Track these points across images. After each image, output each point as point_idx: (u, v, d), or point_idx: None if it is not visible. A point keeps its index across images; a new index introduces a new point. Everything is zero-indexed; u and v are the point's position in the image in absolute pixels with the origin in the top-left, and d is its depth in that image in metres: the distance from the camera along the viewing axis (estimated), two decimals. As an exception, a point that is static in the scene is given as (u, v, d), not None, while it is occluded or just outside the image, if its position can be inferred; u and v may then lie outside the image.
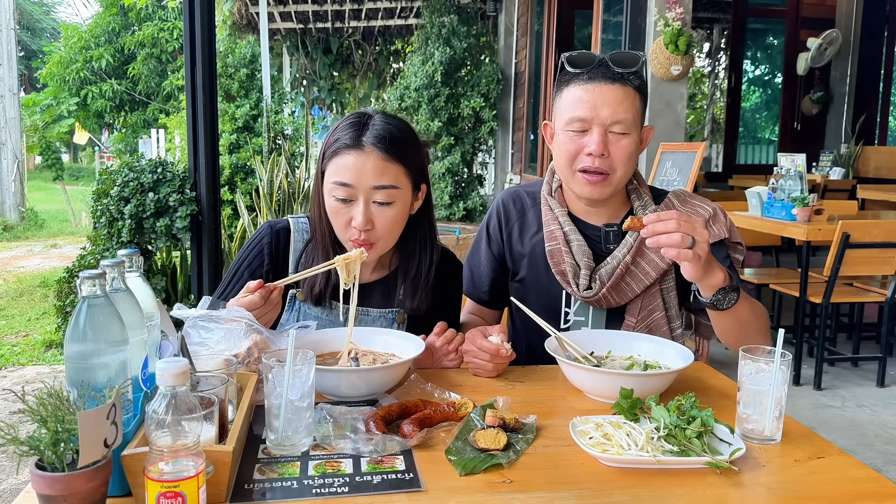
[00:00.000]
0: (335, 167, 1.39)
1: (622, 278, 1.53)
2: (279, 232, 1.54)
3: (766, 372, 1.10)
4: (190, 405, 0.82)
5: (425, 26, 8.22)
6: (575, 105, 1.46)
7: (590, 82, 1.45)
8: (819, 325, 3.89)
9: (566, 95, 1.48)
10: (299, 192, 5.15)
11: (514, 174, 8.41)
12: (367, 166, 1.37)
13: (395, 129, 1.41)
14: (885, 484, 0.99)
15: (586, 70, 1.45)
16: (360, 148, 1.37)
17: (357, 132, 1.39)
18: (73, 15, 45.43)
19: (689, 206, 1.59)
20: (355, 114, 1.45)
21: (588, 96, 1.44)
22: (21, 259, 8.61)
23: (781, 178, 4.02)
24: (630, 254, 1.52)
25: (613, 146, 1.45)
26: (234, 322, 1.22)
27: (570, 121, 1.46)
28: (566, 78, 1.49)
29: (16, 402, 1.21)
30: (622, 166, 1.47)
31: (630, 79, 1.45)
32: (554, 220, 1.58)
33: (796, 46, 7.90)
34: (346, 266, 1.36)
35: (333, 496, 0.91)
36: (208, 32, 3.74)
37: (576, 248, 1.55)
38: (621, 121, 1.44)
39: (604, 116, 1.44)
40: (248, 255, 1.53)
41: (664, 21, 4.74)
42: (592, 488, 0.95)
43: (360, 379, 1.23)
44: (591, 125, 1.45)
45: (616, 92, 1.44)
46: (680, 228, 1.23)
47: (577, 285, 1.54)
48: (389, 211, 1.40)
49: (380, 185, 1.37)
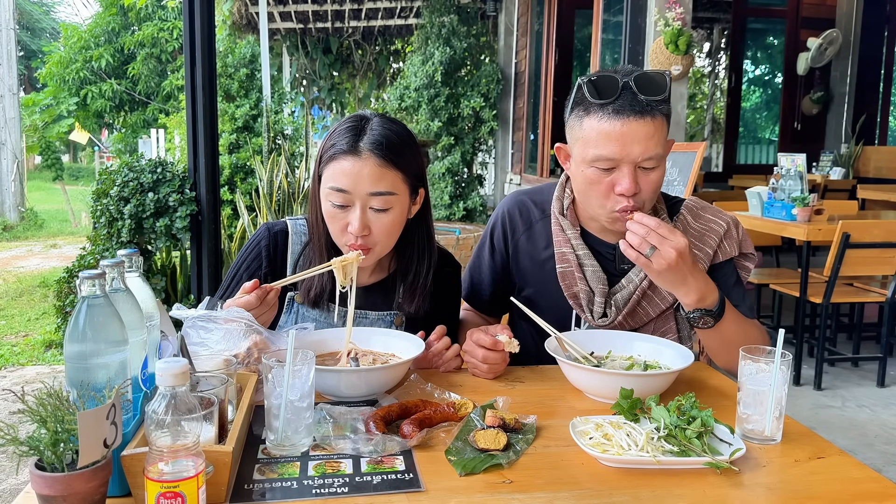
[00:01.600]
0: (332, 172, 1.37)
1: (638, 303, 1.49)
2: (277, 234, 1.53)
3: (766, 372, 1.10)
4: (190, 405, 0.82)
5: (425, 26, 8.22)
6: (601, 142, 1.34)
7: (617, 117, 1.32)
8: (819, 325, 3.89)
9: (589, 127, 1.36)
10: (299, 192, 5.15)
11: (514, 174, 8.41)
12: (363, 172, 1.35)
13: (392, 133, 1.39)
14: (885, 484, 0.99)
15: (611, 102, 1.33)
16: (356, 154, 1.36)
17: (354, 137, 1.37)
18: (73, 15, 45.46)
19: (703, 221, 1.52)
20: (353, 117, 1.43)
21: (616, 133, 1.32)
22: (21, 259, 8.61)
23: (781, 178, 4.02)
24: (647, 279, 1.46)
25: (643, 181, 1.36)
26: (234, 322, 1.22)
27: (597, 158, 1.35)
28: (586, 105, 1.37)
29: (16, 402, 1.21)
30: (651, 199, 1.41)
31: (659, 108, 1.34)
32: (566, 242, 1.52)
33: (796, 46, 7.90)
34: (342, 268, 1.36)
35: (333, 496, 0.91)
36: (208, 32, 3.74)
37: (590, 274, 1.49)
38: (653, 156, 1.34)
39: (634, 155, 1.33)
40: (246, 257, 1.53)
41: (664, 21, 4.74)
42: (592, 488, 0.95)
43: (360, 379, 1.23)
44: (621, 164, 1.34)
45: (647, 127, 1.32)
46: (646, 236, 1.26)
47: (592, 312, 1.50)
48: (386, 217, 1.38)
49: (376, 192, 1.36)
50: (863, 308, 4.34)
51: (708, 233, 1.51)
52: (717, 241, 1.50)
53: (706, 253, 1.50)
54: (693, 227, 1.51)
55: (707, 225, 1.52)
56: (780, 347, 1.11)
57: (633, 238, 1.28)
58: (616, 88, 1.34)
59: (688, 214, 1.53)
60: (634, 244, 1.27)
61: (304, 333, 1.34)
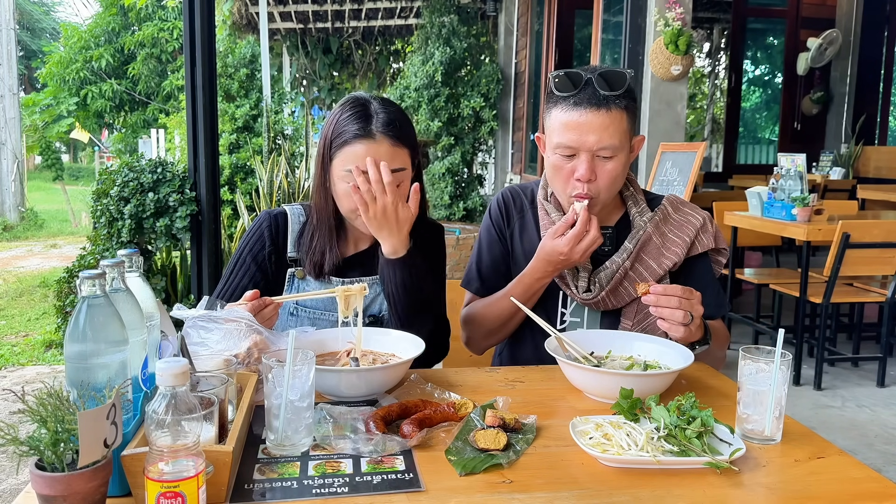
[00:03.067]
0: (347, 156, 1.44)
1: (620, 282, 1.56)
2: (277, 216, 1.60)
3: (766, 372, 1.10)
4: (190, 405, 0.82)
5: (425, 26, 8.22)
6: (562, 131, 1.47)
7: (576, 108, 1.45)
8: (819, 325, 3.89)
9: (554, 118, 1.50)
10: (299, 191, 5.15)
11: (514, 174, 8.41)
12: (380, 153, 1.43)
13: (396, 112, 1.48)
14: (885, 484, 0.99)
15: (572, 94, 1.46)
16: (371, 137, 1.43)
17: (364, 121, 1.44)
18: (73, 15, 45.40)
19: (682, 213, 1.63)
20: (355, 102, 1.49)
21: (574, 123, 1.45)
22: (21, 259, 8.61)
23: (781, 178, 4.02)
24: (629, 259, 1.56)
25: (600, 170, 1.48)
26: (234, 322, 1.22)
27: (559, 145, 1.48)
28: (554, 98, 1.50)
29: (16, 402, 1.21)
30: (607, 189, 1.51)
31: (616, 102, 1.45)
32: (551, 224, 1.60)
33: (796, 46, 7.90)
34: (346, 299, 1.38)
35: (333, 496, 0.91)
36: (208, 32, 3.74)
37: None
38: (607, 146, 1.46)
39: (590, 144, 1.45)
40: (249, 240, 1.59)
41: (664, 21, 4.74)
42: (592, 488, 0.95)
43: (360, 379, 1.23)
44: (579, 151, 1.47)
45: (602, 118, 1.44)
46: (681, 306, 1.32)
47: (577, 287, 1.58)
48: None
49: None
50: (863, 308, 4.34)
51: (686, 224, 1.61)
52: (694, 234, 1.60)
53: (684, 241, 1.59)
54: (673, 217, 1.62)
55: (685, 217, 1.63)
56: (780, 347, 1.11)
57: (674, 314, 1.31)
58: (578, 83, 1.46)
59: (668, 206, 1.64)
60: (678, 319, 1.31)
61: (303, 334, 1.34)
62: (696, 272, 1.60)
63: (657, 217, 1.60)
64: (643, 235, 1.58)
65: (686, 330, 1.33)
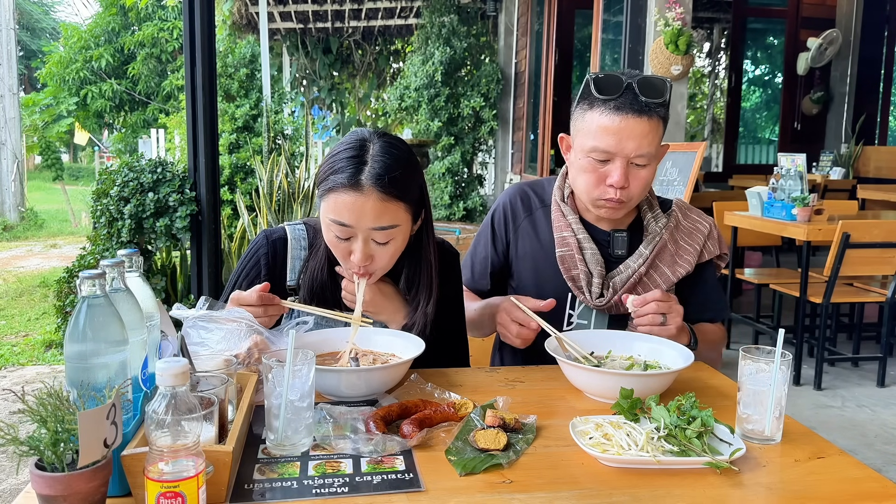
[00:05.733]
0: (333, 204, 1.33)
1: (633, 288, 1.56)
2: (276, 242, 1.52)
3: (766, 372, 1.10)
4: (190, 405, 0.82)
5: (425, 26, 8.22)
6: (599, 134, 1.44)
7: (617, 113, 1.43)
8: (819, 325, 3.89)
9: (590, 120, 1.46)
10: (299, 192, 5.14)
11: (514, 174, 8.41)
12: (366, 208, 1.31)
13: (394, 161, 1.34)
14: (885, 484, 0.99)
15: (613, 98, 1.43)
16: (358, 189, 1.30)
17: (355, 169, 1.31)
18: (73, 15, 45.42)
19: (690, 220, 1.65)
20: (353, 141, 1.37)
21: (614, 128, 1.43)
22: (21, 259, 8.61)
23: (781, 178, 4.02)
24: (644, 265, 1.56)
25: (633, 176, 1.47)
26: (234, 322, 1.22)
27: (594, 149, 1.46)
28: (591, 100, 1.47)
29: (16, 402, 1.21)
30: (638, 195, 1.51)
31: (657, 110, 1.44)
32: (567, 226, 1.60)
33: (796, 46, 7.90)
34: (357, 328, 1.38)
35: (333, 496, 0.91)
36: (208, 32, 3.74)
37: (589, 256, 1.57)
38: (644, 154, 1.44)
39: (628, 150, 1.43)
40: (245, 265, 1.52)
41: (664, 21, 4.74)
42: (592, 488, 0.95)
43: (360, 379, 1.23)
44: (615, 157, 1.45)
45: (642, 125, 1.43)
46: (657, 310, 1.39)
47: (590, 293, 1.57)
48: (390, 247, 1.37)
49: (379, 227, 1.33)
50: (863, 308, 4.34)
51: (695, 232, 1.63)
52: (702, 241, 1.62)
53: (695, 248, 1.61)
54: (683, 224, 1.63)
55: (694, 224, 1.64)
56: (780, 347, 1.11)
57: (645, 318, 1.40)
58: (620, 87, 1.44)
59: (678, 211, 1.65)
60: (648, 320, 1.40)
61: (304, 334, 1.34)
62: (702, 279, 1.63)
63: (671, 224, 1.61)
64: (659, 242, 1.58)
65: (664, 330, 1.38)
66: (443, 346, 1.48)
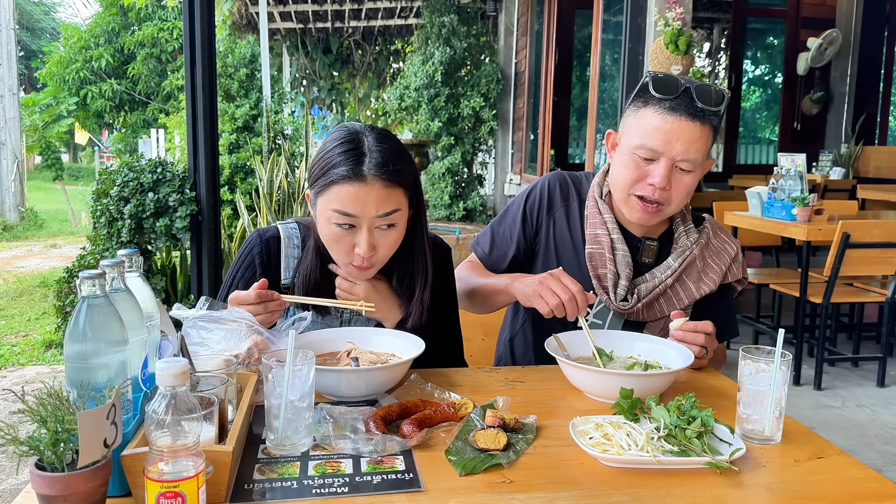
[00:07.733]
0: (336, 197, 1.34)
1: (657, 298, 1.56)
2: (269, 241, 1.52)
3: (766, 372, 1.10)
4: (190, 405, 0.82)
5: (425, 26, 8.22)
6: (650, 133, 1.43)
7: (671, 113, 1.42)
8: (819, 325, 3.89)
9: (642, 117, 1.45)
10: (299, 191, 5.14)
11: (514, 174, 8.41)
12: (370, 196, 1.33)
13: (391, 150, 1.37)
14: (885, 484, 0.99)
15: (670, 98, 1.43)
16: (361, 179, 1.32)
17: (355, 160, 1.33)
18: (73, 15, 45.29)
19: (720, 239, 1.63)
20: (346, 136, 1.37)
21: (666, 128, 1.42)
22: (21, 259, 8.61)
23: (781, 178, 4.02)
24: (672, 277, 1.55)
25: (675, 180, 1.45)
26: (234, 322, 1.22)
27: (641, 146, 1.44)
28: (646, 98, 1.46)
29: (16, 402, 1.21)
30: (678, 201, 1.49)
31: (710, 118, 1.43)
32: (602, 224, 1.57)
33: (796, 46, 7.89)
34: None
35: (333, 496, 0.91)
36: (208, 32, 3.74)
37: (619, 258, 1.55)
38: (690, 159, 1.43)
39: (676, 152, 1.42)
40: (239, 266, 1.52)
41: (664, 21, 4.73)
42: (592, 488, 0.95)
43: (360, 379, 1.23)
44: (661, 157, 1.43)
45: (694, 130, 1.41)
46: (704, 342, 1.38)
47: (615, 294, 1.55)
48: (392, 234, 1.38)
49: (384, 213, 1.35)
50: (863, 308, 4.34)
51: (723, 252, 1.62)
52: (728, 262, 1.61)
53: (721, 269, 1.60)
54: (713, 242, 1.62)
55: (722, 245, 1.63)
56: (780, 347, 1.11)
57: (692, 348, 1.37)
58: (677, 88, 1.43)
59: (710, 229, 1.63)
60: (695, 352, 1.36)
61: (304, 334, 1.34)
62: (722, 301, 1.63)
63: (702, 240, 1.59)
64: (689, 257, 1.56)
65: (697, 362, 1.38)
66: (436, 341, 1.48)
